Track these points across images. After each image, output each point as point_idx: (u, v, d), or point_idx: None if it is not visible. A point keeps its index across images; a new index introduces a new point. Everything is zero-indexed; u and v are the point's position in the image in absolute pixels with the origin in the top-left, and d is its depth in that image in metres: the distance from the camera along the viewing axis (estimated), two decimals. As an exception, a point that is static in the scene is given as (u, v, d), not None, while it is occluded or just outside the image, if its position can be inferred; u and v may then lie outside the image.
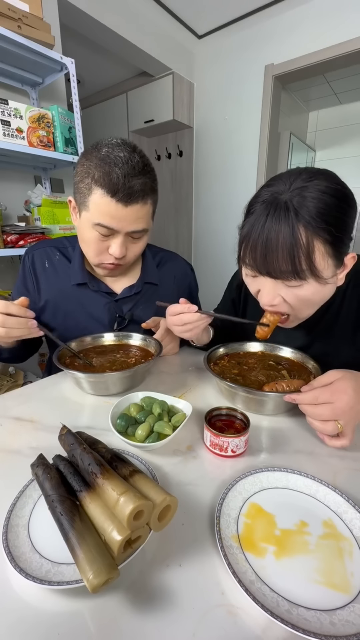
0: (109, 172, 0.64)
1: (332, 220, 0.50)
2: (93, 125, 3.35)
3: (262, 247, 0.52)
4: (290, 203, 0.50)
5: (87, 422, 0.57)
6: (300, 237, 0.49)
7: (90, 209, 0.68)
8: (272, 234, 0.51)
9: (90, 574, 0.27)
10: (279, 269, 0.52)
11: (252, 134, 2.58)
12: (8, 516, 0.36)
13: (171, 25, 2.44)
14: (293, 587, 0.31)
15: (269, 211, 0.51)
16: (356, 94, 3.05)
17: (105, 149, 0.66)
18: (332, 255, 0.52)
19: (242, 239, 0.57)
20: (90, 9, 1.92)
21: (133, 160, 0.66)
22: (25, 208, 1.74)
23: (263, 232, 0.52)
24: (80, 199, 0.70)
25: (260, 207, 0.53)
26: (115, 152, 0.65)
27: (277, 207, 0.51)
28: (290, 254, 0.50)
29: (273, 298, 0.57)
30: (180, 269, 0.98)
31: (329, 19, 2.09)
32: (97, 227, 0.69)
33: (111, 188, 0.64)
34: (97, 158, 0.66)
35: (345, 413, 0.46)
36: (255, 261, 0.54)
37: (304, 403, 0.50)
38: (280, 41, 2.31)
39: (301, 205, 0.49)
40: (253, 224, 0.53)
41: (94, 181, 0.65)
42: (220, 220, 2.96)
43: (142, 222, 0.72)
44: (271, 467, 0.44)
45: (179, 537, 0.36)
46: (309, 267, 0.51)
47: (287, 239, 0.50)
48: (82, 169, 0.68)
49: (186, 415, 0.53)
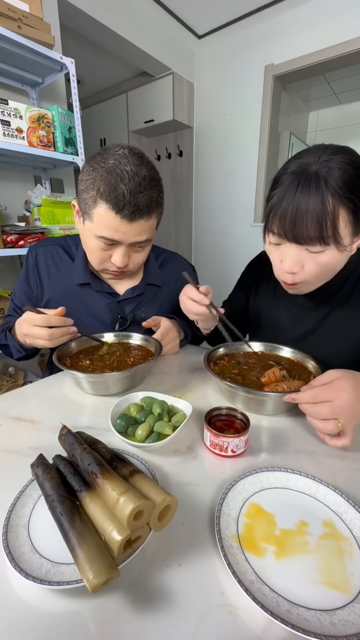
0: (114, 187, 0.63)
1: (355, 190, 0.54)
2: (93, 125, 3.35)
3: (292, 214, 0.56)
4: (320, 173, 0.54)
5: (87, 422, 0.57)
6: (328, 205, 0.53)
7: (94, 220, 0.68)
8: (302, 201, 0.54)
9: (90, 574, 0.27)
10: (306, 235, 0.56)
11: (252, 134, 2.58)
12: (8, 516, 0.36)
13: (171, 25, 2.44)
14: (293, 587, 0.31)
15: (299, 181, 0.55)
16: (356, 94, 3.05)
17: (112, 160, 0.65)
18: (353, 223, 0.56)
19: (271, 207, 0.60)
20: (90, 9, 1.92)
21: (140, 175, 0.65)
22: (25, 208, 1.74)
23: (294, 200, 0.55)
24: (84, 208, 0.69)
25: (290, 178, 0.57)
26: (122, 165, 0.64)
27: (307, 177, 0.55)
28: (319, 221, 0.54)
29: (295, 265, 0.60)
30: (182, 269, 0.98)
31: (329, 18, 2.10)
32: (101, 238, 0.69)
33: (116, 204, 0.64)
34: (104, 170, 0.64)
35: (345, 411, 0.46)
36: (284, 228, 0.58)
37: (303, 402, 0.50)
38: (280, 41, 2.31)
39: (329, 176, 0.54)
40: (283, 194, 0.57)
41: (99, 194, 0.64)
42: (220, 220, 2.96)
43: (146, 235, 0.72)
44: (271, 467, 0.44)
45: (179, 537, 0.36)
46: (333, 234, 0.55)
47: (317, 206, 0.54)
48: (87, 177, 0.67)
49: (186, 415, 0.53)
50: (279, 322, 0.80)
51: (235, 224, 2.88)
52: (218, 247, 3.03)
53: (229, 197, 2.85)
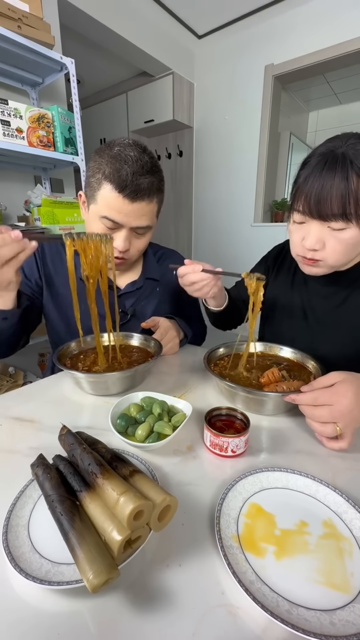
0: (119, 169, 0.68)
1: None
2: (93, 125, 3.35)
3: (317, 191, 0.58)
4: (347, 154, 0.56)
5: (87, 422, 0.57)
6: (353, 183, 0.55)
7: (98, 202, 0.72)
8: (328, 179, 0.57)
9: (90, 574, 0.27)
10: (330, 211, 0.58)
11: (252, 134, 2.58)
12: (8, 516, 0.36)
13: (171, 25, 2.44)
14: (293, 587, 0.31)
15: (326, 160, 0.58)
16: (356, 94, 3.05)
17: (117, 147, 0.70)
18: None
19: (297, 186, 0.62)
20: (90, 9, 1.92)
21: (142, 159, 0.69)
22: (25, 208, 1.74)
23: (320, 178, 0.57)
24: (90, 192, 0.74)
25: (317, 159, 0.59)
26: (127, 151, 0.69)
27: (334, 157, 0.57)
28: (343, 197, 0.56)
29: (316, 242, 0.62)
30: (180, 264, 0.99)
31: (329, 19, 2.10)
32: (104, 219, 0.72)
33: (119, 184, 0.68)
34: (109, 155, 0.69)
35: (344, 416, 0.46)
36: (309, 205, 0.59)
37: (303, 404, 0.50)
38: (280, 41, 2.32)
39: (356, 157, 0.56)
40: (311, 172, 0.59)
41: (104, 177, 0.69)
42: (220, 220, 2.96)
43: (147, 219, 0.75)
44: (271, 467, 0.44)
45: (179, 537, 0.36)
46: (356, 211, 0.57)
47: (342, 183, 0.56)
48: (94, 164, 0.72)
49: (186, 415, 0.53)
50: (293, 311, 0.82)
51: (235, 224, 2.88)
52: (218, 247, 3.03)
53: (229, 197, 2.85)
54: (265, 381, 0.61)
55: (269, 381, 0.61)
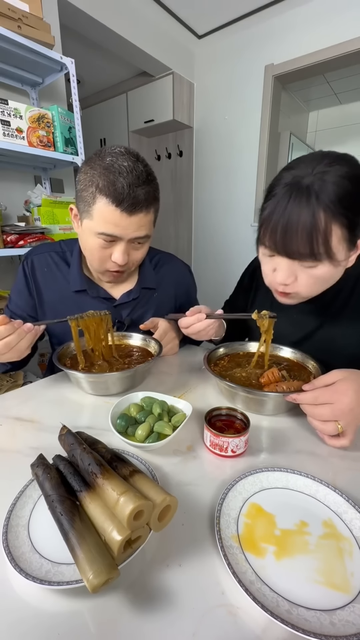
0: (113, 181, 0.64)
1: (350, 205, 0.52)
2: (93, 125, 3.34)
3: (283, 228, 0.54)
4: (312, 187, 0.51)
5: (87, 422, 0.57)
6: (320, 221, 0.51)
7: (94, 217, 0.68)
8: (294, 216, 0.52)
9: (90, 574, 0.27)
10: (297, 250, 0.54)
11: (252, 134, 2.58)
12: (8, 516, 0.36)
13: (171, 25, 2.44)
14: (293, 587, 0.31)
15: (291, 194, 0.53)
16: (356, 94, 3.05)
17: (108, 157, 0.66)
18: (347, 238, 0.54)
19: (262, 220, 0.58)
20: (90, 9, 1.92)
21: (137, 169, 0.66)
22: (25, 208, 1.74)
23: (285, 214, 0.53)
24: (83, 207, 0.69)
25: (282, 190, 0.54)
26: (120, 161, 0.65)
27: (299, 190, 0.52)
28: (309, 237, 0.52)
29: (287, 277, 0.59)
30: (178, 272, 0.98)
31: (329, 19, 2.09)
32: (101, 235, 0.69)
33: (116, 197, 0.64)
34: (101, 167, 0.65)
35: (345, 414, 0.46)
36: (275, 242, 0.56)
37: (304, 403, 0.50)
38: (280, 41, 2.31)
39: (322, 190, 0.51)
40: (275, 206, 0.55)
41: (99, 190, 0.65)
42: (220, 220, 2.96)
43: (145, 229, 0.72)
44: (271, 467, 0.44)
45: (179, 537, 0.36)
46: (325, 250, 0.53)
47: (307, 221, 0.51)
48: (85, 177, 0.68)
49: (186, 415, 0.53)
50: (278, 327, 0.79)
51: (235, 224, 2.88)
52: (218, 247, 3.03)
53: (229, 197, 2.85)
54: (265, 381, 0.61)
55: (269, 381, 0.61)
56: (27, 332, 0.63)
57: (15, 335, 0.61)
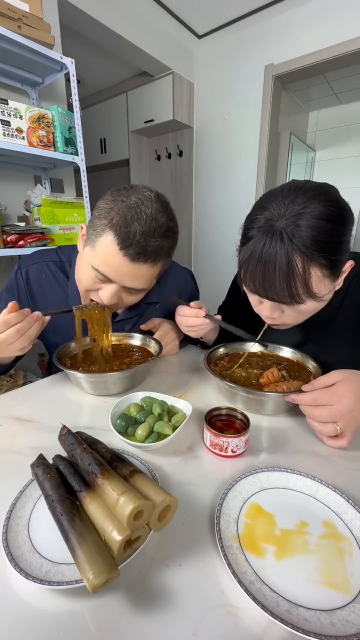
0: (128, 223, 0.60)
1: (327, 246, 0.50)
2: (93, 125, 3.34)
3: (260, 274, 0.53)
4: (285, 232, 0.50)
5: (87, 422, 0.57)
6: (297, 265, 0.50)
7: (96, 249, 0.64)
8: (270, 262, 0.51)
9: (90, 574, 0.27)
10: (276, 294, 0.54)
11: (252, 133, 2.58)
12: (8, 516, 0.36)
13: (171, 25, 2.44)
14: (293, 587, 0.31)
15: (265, 240, 0.51)
16: (356, 94, 3.05)
17: (135, 197, 0.62)
18: (329, 275, 0.53)
19: (241, 264, 0.57)
20: (90, 9, 1.92)
21: (159, 220, 0.62)
22: (25, 208, 1.74)
23: (261, 260, 0.52)
24: (91, 233, 0.66)
25: (257, 234, 0.53)
26: (145, 206, 0.61)
27: (273, 235, 0.51)
28: (287, 282, 0.51)
29: (273, 312, 0.59)
30: (181, 280, 0.95)
31: (329, 18, 2.09)
32: (95, 270, 0.65)
33: (123, 239, 0.60)
34: (124, 204, 0.61)
35: (344, 416, 0.47)
36: (255, 288, 0.56)
37: (303, 404, 0.50)
38: (280, 41, 2.31)
39: (295, 235, 0.49)
40: (251, 252, 0.53)
41: (111, 225, 0.61)
42: (220, 220, 2.96)
43: (143, 282, 0.67)
44: (271, 467, 0.44)
45: (179, 537, 0.36)
46: (306, 292, 0.52)
47: (283, 267, 0.50)
48: (105, 206, 0.64)
49: (186, 415, 0.53)
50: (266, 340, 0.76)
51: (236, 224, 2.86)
52: (218, 247, 3.03)
53: (229, 196, 2.85)
54: (265, 381, 0.61)
55: (269, 381, 0.61)
56: (35, 321, 0.62)
57: (25, 322, 0.60)
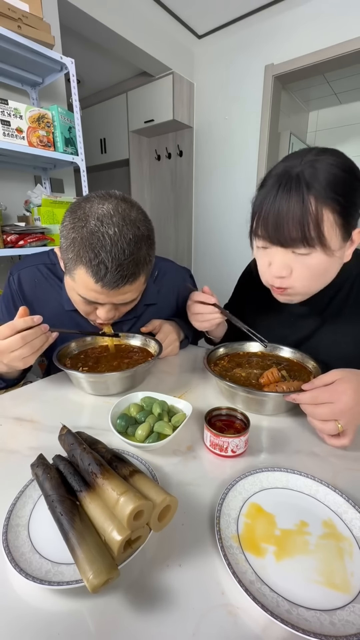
0: (95, 254, 0.57)
1: (340, 190, 0.52)
2: (93, 125, 3.34)
3: (274, 217, 0.54)
4: (302, 175, 0.53)
5: (87, 422, 0.57)
6: (310, 206, 0.52)
7: (75, 280, 0.62)
8: (284, 203, 0.53)
9: (90, 574, 0.27)
10: (289, 237, 0.54)
11: (252, 134, 2.58)
12: (8, 516, 0.36)
13: (171, 25, 2.44)
14: (293, 587, 0.31)
15: (280, 183, 0.54)
16: (356, 94, 3.05)
17: (93, 221, 0.57)
18: (340, 225, 0.54)
19: (254, 211, 0.59)
20: (90, 9, 1.92)
21: (125, 238, 0.58)
22: (25, 208, 1.74)
23: (275, 202, 0.54)
24: (66, 263, 0.64)
25: (273, 180, 0.56)
26: (104, 228, 0.57)
27: (289, 179, 0.53)
28: (300, 222, 0.52)
29: (283, 268, 0.59)
30: (179, 281, 0.94)
31: (329, 19, 2.09)
32: (83, 298, 0.65)
33: (97, 273, 0.58)
34: (85, 230, 0.58)
35: (345, 413, 0.46)
36: (267, 231, 0.56)
37: (304, 403, 0.50)
38: (280, 41, 2.31)
39: (312, 176, 0.52)
40: (265, 196, 0.56)
41: (79, 258, 0.58)
42: (220, 220, 2.96)
43: (132, 295, 0.66)
44: (271, 467, 0.44)
45: (179, 537, 0.36)
46: (317, 235, 0.53)
47: (298, 207, 0.52)
48: (67, 235, 0.60)
49: (186, 415, 0.53)
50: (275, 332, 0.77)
51: (235, 224, 2.88)
52: (218, 247, 3.03)
53: (229, 197, 2.85)
54: (265, 381, 0.61)
55: (269, 381, 0.61)
56: (43, 332, 0.60)
57: (33, 331, 0.58)
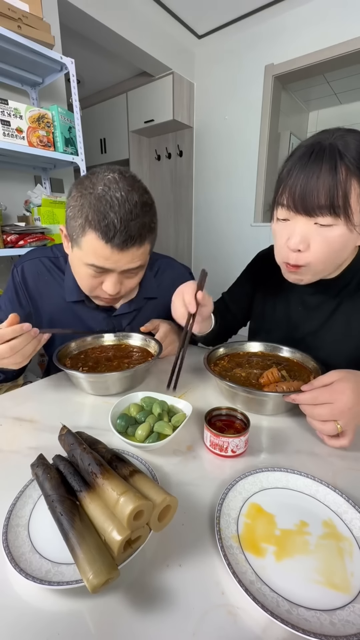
0: (104, 215, 0.60)
1: None
2: (93, 125, 3.35)
3: (303, 183, 0.55)
4: (335, 144, 0.54)
5: (87, 422, 0.57)
6: (341, 173, 0.52)
7: (83, 248, 0.64)
8: (314, 170, 0.54)
9: (90, 574, 0.27)
10: (316, 204, 0.54)
11: (252, 134, 2.59)
12: (8, 516, 0.36)
13: (171, 25, 2.44)
14: (293, 587, 0.31)
15: (312, 151, 0.55)
16: (356, 94, 3.05)
17: (100, 185, 0.61)
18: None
19: (281, 180, 0.59)
20: (90, 9, 1.92)
21: (131, 200, 0.61)
22: (25, 208, 1.74)
23: (305, 169, 0.54)
24: (72, 234, 0.65)
25: (302, 151, 0.56)
26: (112, 192, 0.60)
27: (322, 148, 0.54)
28: (330, 189, 0.53)
29: (301, 241, 0.58)
30: (179, 277, 0.93)
31: (329, 19, 2.10)
32: (91, 266, 0.66)
33: (106, 233, 0.60)
34: (92, 196, 0.60)
35: (344, 414, 0.46)
36: (294, 199, 0.56)
37: (303, 403, 0.50)
38: (280, 41, 2.32)
39: (344, 147, 0.53)
40: (295, 164, 0.56)
41: (88, 223, 0.61)
42: (220, 220, 2.97)
43: (138, 261, 0.68)
44: (271, 467, 0.44)
45: (179, 537, 0.36)
46: (344, 204, 0.53)
47: (329, 174, 0.53)
48: (75, 204, 0.63)
49: (186, 415, 0.53)
50: (284, 321, 0.78)
51: (235, 224, 2.88)
52: (218, 247, 3.03)
53: (229, 197, 2.85)
54: (265, 381, 0.61)
55: (269, 381, 0.61)
56: (33, 337, 0.61)
57: (22, 339, 0.59)
